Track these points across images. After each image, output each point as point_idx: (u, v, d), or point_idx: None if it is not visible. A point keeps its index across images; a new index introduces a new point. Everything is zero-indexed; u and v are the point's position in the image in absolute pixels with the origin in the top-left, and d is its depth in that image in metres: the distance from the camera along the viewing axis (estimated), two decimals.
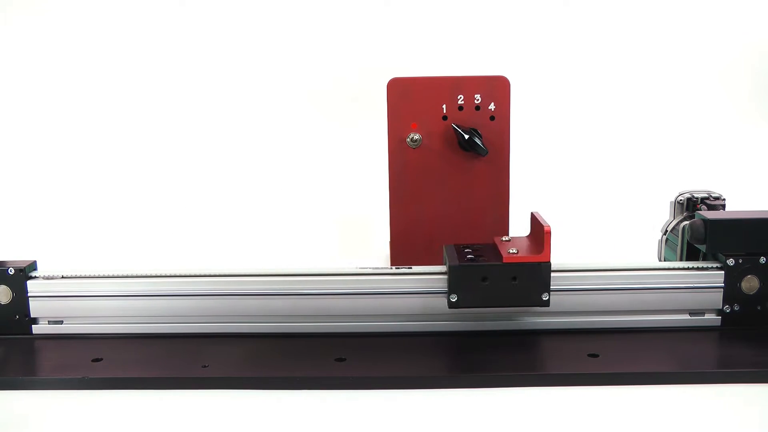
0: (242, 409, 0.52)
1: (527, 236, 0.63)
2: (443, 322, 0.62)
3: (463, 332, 0.62)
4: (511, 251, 0.59)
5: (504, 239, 0.63)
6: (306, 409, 0.52)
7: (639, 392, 0.53)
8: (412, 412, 0.51)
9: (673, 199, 0.71)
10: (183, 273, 0.64)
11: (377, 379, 0.55)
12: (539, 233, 0.59)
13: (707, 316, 0.63)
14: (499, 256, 0.59)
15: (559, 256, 0.86)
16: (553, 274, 0.62)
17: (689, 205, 0.70)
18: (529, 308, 0.62)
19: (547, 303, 0.59)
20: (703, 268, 0.63)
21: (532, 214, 0.62)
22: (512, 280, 0.58)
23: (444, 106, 0.69)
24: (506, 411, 0.51)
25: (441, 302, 0.62)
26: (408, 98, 0.69)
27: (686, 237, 0.66)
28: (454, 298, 0.59)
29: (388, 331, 0.62)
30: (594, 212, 0.97)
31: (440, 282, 0.62)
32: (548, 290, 0.59)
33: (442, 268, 0.62)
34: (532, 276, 0.58)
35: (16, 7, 1.04)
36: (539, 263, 0.58)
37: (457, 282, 0.59)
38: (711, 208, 0.68)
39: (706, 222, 0.63)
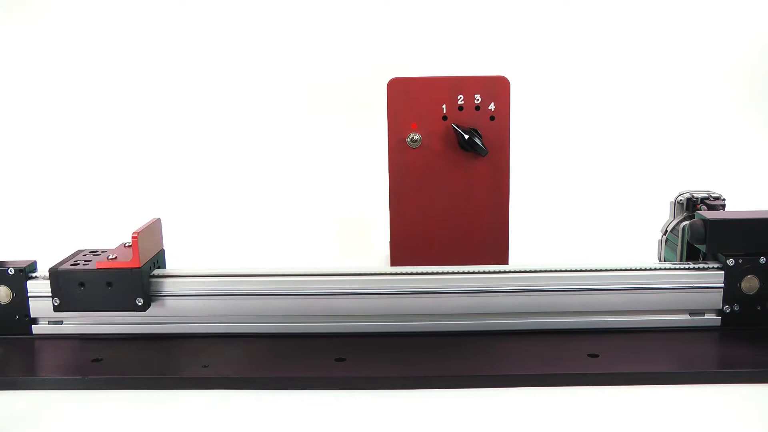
0: (242, 409, 0.52)
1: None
2: (443, 322, 0.62)
3: (464, 332, 0.62)
4: (110, 257, 0.61)
5: (126, 244, 0.64)
6: (306, 409, 0.52)
7: (639, 392, 0.53)
8: (412, 412, 0.51)
9: (673, 199, 0.71)
10: (183, 273, 0.64)
11: (377, 379, 0.55)
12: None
13: (707, 316, 0.63)
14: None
15: (560, 256, 0.86)
16: (553, 275, 0.62)
17: (689, 205, 0.70)
18: (528, 308, 0.62)
19: (142, 308, 0.60)
20: (703, 268, 0.63)
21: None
22: (107, 285, 0.60)
23: (444, 106, 0.69)
24: (506, 411, 0.51)
25: (441, 302, 0.62)
26: (408, 98, 0.69)
27: (686, 237, 0.66)
28: (56, 302, 0.60)
29: (388, 331, 0.62)
30: (594, 212, 0.97)
31: (441, 282, 0.62)
32: (141, 295, 0.60)
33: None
34: (123, 282, 0.60)
35: (16, 7, 1.04)
36: (127, 270, 0.60)
37: (57, 286, 0.60)
38: (711, 208, 0.68)
39: (706, 222, 0.63)
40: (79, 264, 0.61)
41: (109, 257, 0.61)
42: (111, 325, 0.63)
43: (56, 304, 0.61)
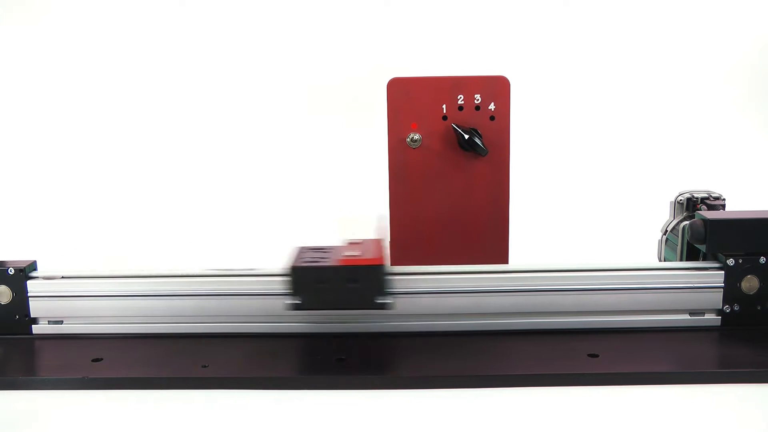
0: (242, 409, 0.52)
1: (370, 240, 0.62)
2: (443, 322, 0.62)
3: (464, 332, 0.62)
4: (349, 254, 0.57)
5: (354, 241, 0.61)
6: (306, 409, 0.52)
7: (639, 392, 0.53)
8: (412, 412, 0.51)
9: (673, 199, 0.71)
10: (183, 273, 0.64)
11: (377, 379, 0.55)
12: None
13: (707, 316, 0.63)
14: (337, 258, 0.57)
15: (560, 256, 0.86)
16: (553, 275, 0.62)
17: (689, 205, 0.70)
18: (528, 308, 0.62)
19: (384, 306, 0.57)
20: (703, 268, 0.63)
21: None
22: (350, 282, 0.56)
23: (444, 106, 0.69)
24: (506, 411, 0.51)
25: (441, 302, 0.62)
26: (408, 98, 0.69)
27: (686, 237, 0.66)
28: (298, 301, 0.57)
29: (388, 331, 0.62)
30: (594, 212, 0.97)
31: (441, 282, 0.62)
32: (385, 293, 0.56)
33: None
34: (369, 279, 0.56)
35: (16, 7, 1.04)
36: (374, 266, 0.56)
37: (296, 284, 0.56)
38: (711, 208, 0.68)
39: (706, 222, 0.63)
40: (315, 261, 0.57)
41: (346, 254, 0.57)
42: (111, 325, 0.63)
43: (298, 302, 0.57)
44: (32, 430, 0.50)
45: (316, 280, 0.56)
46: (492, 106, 0.69)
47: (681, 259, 0.68)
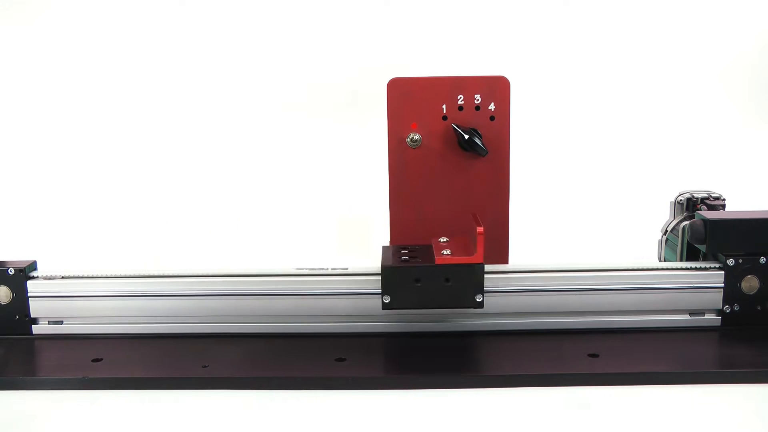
0: (242, 409, 0.52)
1: (466, 237, 0.63)
2: (444, 322, 0.62)
3: (464, 332, 0.62)
4: (444, 252, 0.58)
5: (442, 240, 0.62)
6: (306, 409, 0.52)
7: (639, 392, 0.53)
8: (412, 412, 0.51)
9: (673, 199, 0.71)
10: (183, 273, 0.64)
11: (377, 379, 0.55)
12: (474, 234, 0.58)
13: (707, 316, 0.63)
14: (433, 257, 0.58)
15: (560, 256, 0.86)
16: (553, 275, 0.62)
17: (689, 205, 0.70)
18: (528, 308, 0.62)
19: (480, 305, 0.58)
20: (703, 268, 0.63)
21: (472, 214, 0.61)
22: (445, 281, 0.57)
23: (444, 106, 0.69)
24: (506, 411, 0.51)
25: None
26: (408, 98, 0.69)
27: (686, 237, 0.66)
28: (387, 299, 0.58)
29: (388, 331, 0.62)
30: (594, 212, 0.97)
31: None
32: (482, 291, 0.57)
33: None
34: (464, 277, 0.57)
35: (14, 6, 1.04)
36: (472, 264, 0.57)
37: (389, 283, 0.58)
38: (711, 208, 0.68)
39: (706, 222, 0.63)
40: (406, 260, 0.59)
41: (444, 252, 0.58)
42: (111, 325, 0.63)
43: (386, 301, 0.58)
44: (32, 430, 0.50)
45: (413, 279, 0.57)
46: (492, 106, 0.69)
47: (681, 259, 0.68)
